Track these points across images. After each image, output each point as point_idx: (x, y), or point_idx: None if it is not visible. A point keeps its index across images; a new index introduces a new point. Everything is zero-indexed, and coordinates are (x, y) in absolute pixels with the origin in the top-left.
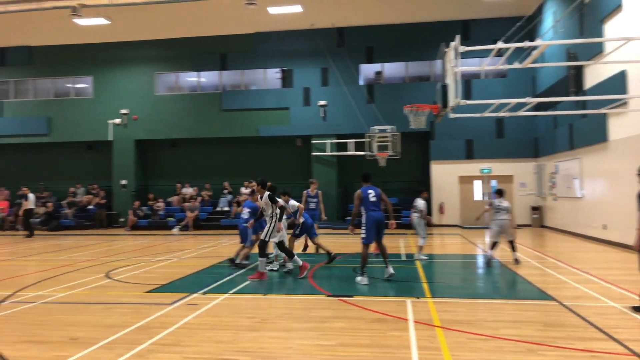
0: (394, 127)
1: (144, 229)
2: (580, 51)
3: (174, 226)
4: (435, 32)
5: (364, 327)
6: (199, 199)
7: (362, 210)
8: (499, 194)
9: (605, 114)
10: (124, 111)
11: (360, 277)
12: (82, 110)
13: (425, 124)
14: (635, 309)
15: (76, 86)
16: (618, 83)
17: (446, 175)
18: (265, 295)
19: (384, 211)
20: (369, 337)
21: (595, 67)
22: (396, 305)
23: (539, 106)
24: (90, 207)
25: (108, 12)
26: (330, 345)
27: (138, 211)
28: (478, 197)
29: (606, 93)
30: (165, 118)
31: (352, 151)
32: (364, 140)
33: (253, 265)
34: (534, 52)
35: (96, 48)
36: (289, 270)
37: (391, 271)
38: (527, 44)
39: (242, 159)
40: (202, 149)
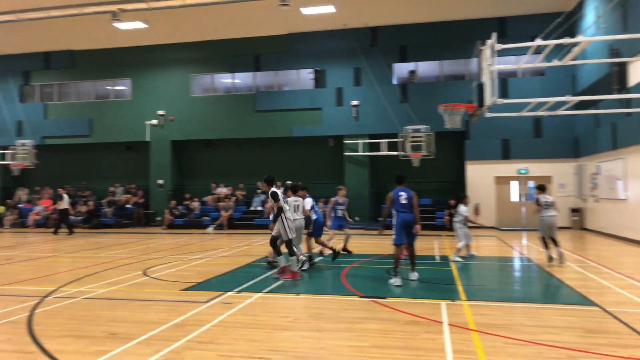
0: (427, 126)
1: (180, 227)
2: (624, 47)
3: (208, 225)
4: (471, 29)
5: (397, 329)
6: (233, 198)
7: (393, 211)
8: (541, 189)
9: None
10: (160, 112)
11: (394, 278)
12: (121, 112)
13: (460, 124)
14: None
15: (115, 88)
16: None
17: (482, 175)
18: (298, 295)
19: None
20: (402, 339)
21: None
22: (430, 308)
23: (580, 105)
24: (129, 206)
25: (146, 16)
26: (363, 347)
27: (174, 210)
28: (515, 198)
29: None
30: (200, 119)
31: (385, 151)
32: (397, 140)
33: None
34: (574, 49)
35: (134, 51)
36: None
37: (414, 277)
38: (567, 40)
39: (275, 159)
40: (236, 149)
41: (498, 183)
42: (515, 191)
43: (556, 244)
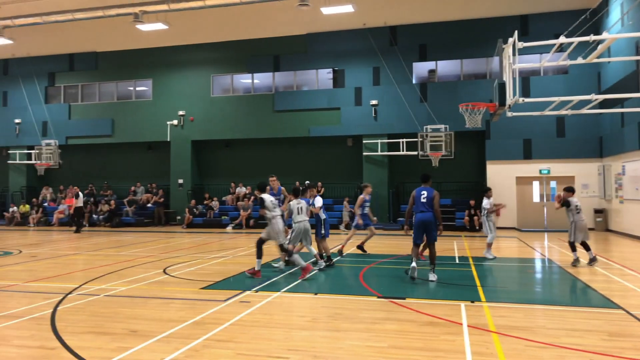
0: (447, 126)
1: (199, 226)
2: None
3: (227, 224)
4: (492, 27)
5: (416, 329)
6: (252, 198)
7: (414, 210)
8: (572, 191)
9: None
10: (181, 112)
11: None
12: (142, 112)
13: (481, 123)
14: None
15: (137, 89)
16: None
17: (503, 175)
18: (316, 294)
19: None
20: (421, 340)
21: None
22: (449, 309)
23: (605, 103)
24: (149, 205)
25: (167, 18)
26: (381, 347)
27: (194, 209)
28: (536, 198)
29: None
30: (220, 119)
31: (404, 151)
32: (416, 140)
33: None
34: (599, 47)
35: (155, 52)
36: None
37: (433, 278)
38: (592, 37)
39: (294, 158)
40: (255, 149)
41: (519, 183)
42: (536, 192)
43: (588, 247)
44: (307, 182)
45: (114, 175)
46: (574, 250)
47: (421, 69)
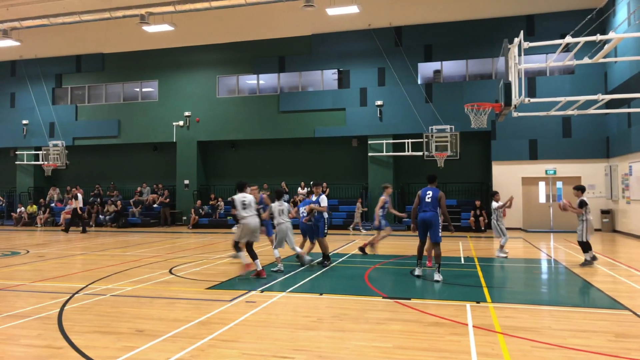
0: (452, 126)
1: (205, 227)
2: None
3: (233, 225)
4: (497, 28)
5: (421, 330)
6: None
7: (418, 210)
8: (582, 190)
9: None
10: (187, 113)
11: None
12: (149, 113)
13: (486, 124)
14: None
15: (143, 90)
16: None
17: (508, 176)
18: (321, 295)
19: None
20: (426, 341)
21: None
22: (455, 310)
23: (611, 103)
24: (155, 205)
25: (173, 19)
26: (386, 347)
27: (200, 210)
28: (542, 199)
29: None
30: (225, 120)
31: (409, 152)
32: (421, 140)
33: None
34: (605, 47)
35: (161, 53)
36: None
37: (438, 278)
38: (598, 37)
39: (299, 159)
40: (260, 149)
41: (525, 184)
42: (542, 192)
43: (590, 247)
44: (312, 182)
45: (120, 175)
46: (588, 250)
47: (426, 69)
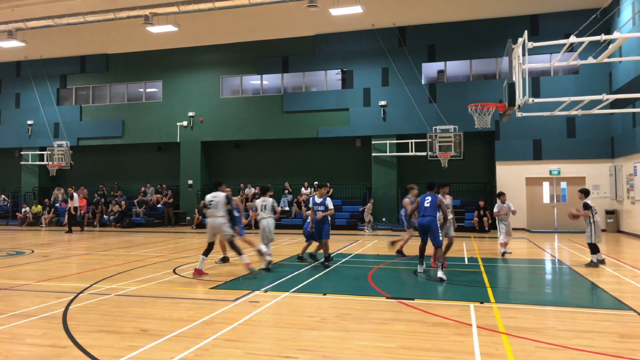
0: (456, 126)
1: None
2: None
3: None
4: (501, 28)
5: (425, 330)
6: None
7: (418, 214)
8: (587, 194)
9: None
10: (190, 114)
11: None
12: (153, 114)
13: (490, 124)
14: None
15: (147, 90)
16: None
17: (512, 176)
18: (324, 294)
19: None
20: (430, 341)
21: None
22: (458, 310)
23: (616, 103)
24: (159, 205)
25: (177, 19)
26: (390, 348)
27: (203, 210)
28: (546, 199)
29: None
30: (229, 120)
31: (413, 152)
32: (425, 140)
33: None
34: (610, 46)
35: (165, 54)
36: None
37: (440, 274)
38: (602, 37)
39: (303, 159)
40: (264, 150)
41: (529, 184)
42: (546, 192)
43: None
44: (316, 183)
45: (124, 176)
46: (596, 252)
47: (430, 69)
